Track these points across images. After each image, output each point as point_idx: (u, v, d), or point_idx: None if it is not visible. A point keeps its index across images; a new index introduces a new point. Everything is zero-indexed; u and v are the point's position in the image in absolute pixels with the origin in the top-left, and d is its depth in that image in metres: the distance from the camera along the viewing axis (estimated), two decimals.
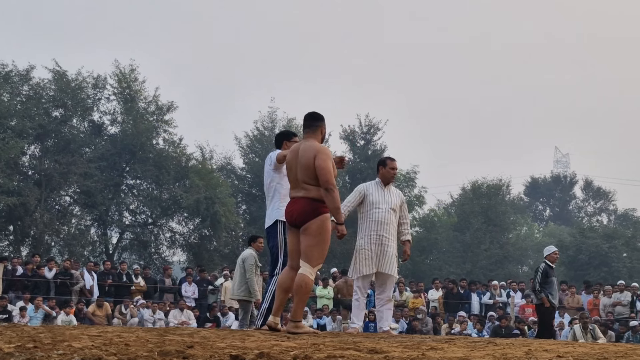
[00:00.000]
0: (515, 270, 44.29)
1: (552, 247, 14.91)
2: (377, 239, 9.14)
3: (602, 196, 66.63)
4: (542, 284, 14.03)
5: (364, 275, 9.19)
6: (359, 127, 40.43)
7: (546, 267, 14.17)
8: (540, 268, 14.22)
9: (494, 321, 20.92)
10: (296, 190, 7.20)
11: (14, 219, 31.63)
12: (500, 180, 44.90)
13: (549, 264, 14.26)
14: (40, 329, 6.43)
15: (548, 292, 13.99)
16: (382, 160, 9.61)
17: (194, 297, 21.76)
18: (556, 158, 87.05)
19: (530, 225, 58.65)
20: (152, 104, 34.98)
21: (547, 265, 14.22)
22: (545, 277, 14.06)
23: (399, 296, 21.97)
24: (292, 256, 7.29)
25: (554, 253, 14.53)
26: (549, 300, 13.98)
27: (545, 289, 14.01)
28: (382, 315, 9.28)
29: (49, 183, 32.04)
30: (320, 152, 7.12)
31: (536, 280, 14.09)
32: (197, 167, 35.80)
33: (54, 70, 33.16)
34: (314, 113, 7.46)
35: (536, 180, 70.71)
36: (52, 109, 33.07)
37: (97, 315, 19.77)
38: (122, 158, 34.78)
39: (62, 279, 20.60)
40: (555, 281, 14.32)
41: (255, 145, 39.07)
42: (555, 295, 14.24)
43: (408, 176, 41.76)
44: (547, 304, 13.99)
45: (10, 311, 18.62)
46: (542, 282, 14.04)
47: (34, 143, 33.07)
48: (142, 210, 36.23)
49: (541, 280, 14.03)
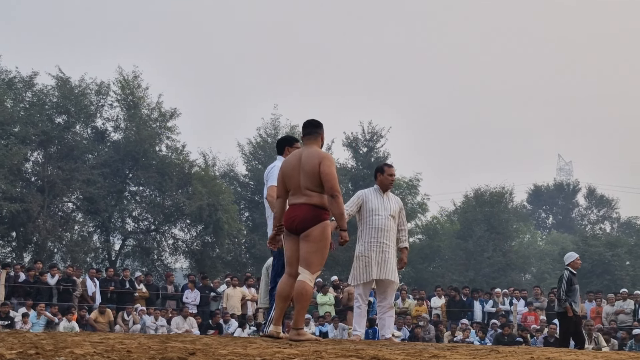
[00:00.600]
0: (518, 278, 44.22)
1: (574, 253, 14.51)
2: (378, 246, 9.13)
3: (605, 204, 66.51)
4: (566, 292, 13.74)
5: (365, 283, 9.19)
6: (362, 134, 40.47)
7: (570, 275, 13.86)
8: (565, 276, 13.89)
9: (496, 329, 20.88)
10: (297, 197, 7.19)
11: (16, 225, 31.63)
12: (503, 187, 44.87)
13: (572, 272, 13.93)
14: (42, 335, 6.43)
15: (572, 300, 13.72)
16: (380, 167, 9.61)
17: (195, 303, 21.75)
18: (559, 166, 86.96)
19: (533, 233, 58.59)
20: (155, 110, 35.03)
21: (571, 273, 13.91)
22: (570, 284, 13.77)
23: (401, 303, 21.95)
24: (290, 263, 7.26)
25: (577, 259, 14.16)
26: (572, 309, 13.69)
27: (569, 297, 13.74)
28: (384, 322, 9.27)
29: (52, 189, 32.05)
30: (325, 159, 7.14)
31: (562, 289, 13.77)
32: (200, 174, 35.82)
33: (58, 77, 33.22)
34: (314, 120, 7.49)
35: (539, 188, 70.62)
36: (55, 115, 33.10)
37: (100, 322, 19.77)
38: (125, 165, 34.82)
39: (64, 285, 20.60)
40: (577, 289, 13.99)
41: (258, 152, 39.10)
42: (578, 303, 13.99)
43: (411, 183, 41.77)
44: (570, 313, 13.69)
45: (12, 317, 18.61)
46: (566, 291, 13.74)
47: (37, 149, 33.09)
48: (145, 217, 36.24)
49: (566, 289, 13.75)
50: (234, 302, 21.53)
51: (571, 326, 13.93)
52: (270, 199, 8.08)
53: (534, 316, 21.88)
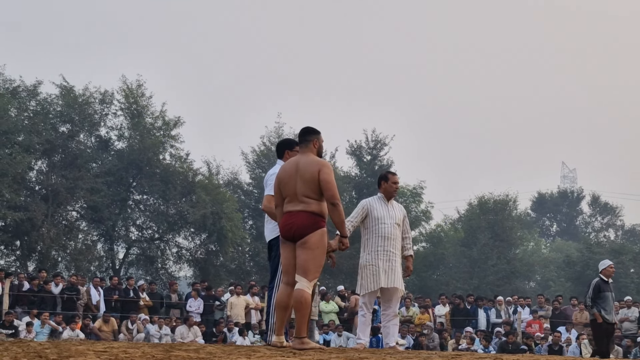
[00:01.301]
0: (522, 286, 44.13)
1: (607, 261, 14.39)
2: (385, 255, 9.10)
3: (610, 211, 66.39)
4: (594, 299, 13.62)
5: (372, 291, 9.17)
6: (366, 142, 40.49)
7: (599, 282, 13.75)
8: (593, 283, 13.82)
9: (500, 337, 20.84)
10: (294, 204, 7.16)
11: (20, 234, 31.66)
12: (507, 195, 44.76)
13: (603, 279, 13.81)
14: (47, 344, 6.43)
15: (601, 308, 13.56)
16: (384, 175, 9.57)
17: (199, 312, 21.74)
18: (563, 173, 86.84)
19: (537, 240, 58.46)
20: (159, 119, 35.05)
21: (601, 280, 13.78)
22: (598, 292, 13.62)
23: (405, 312, 21.91)
24: (287, 271, 7.24)
25: (610, 267, 14.02)
26: (601, 316, 13.54)
27: (598, 304, 13.59)
28: (389, 330, 9.24)
29: (56, 198, 32.07)
30: (324, 167, 7.14)
31: (587, 296, 13.71)
32: (203, 182, 35.82)
33: (61, 86, 33.26)
34: (307, 128, 7.46)
35: (543, 196, 70.53)
36: (59, 124, 33.14)
37: (104, 331, 19.76)
38: (129, 173, 34.83)
39: (68, 294, 20.60)
40: (610, 296, 13.79)
41: (262, 160, 39.10)
42: (610, 310, 13.77)
43: (415, 191, 41.73)
44: (599, 320, 13.56)
45: (16, 326, 18.62)
46: (594, 297, 13.62)
47: (41, 158, 33.12)
48: (149, 226, 36.24)
49: (593, 296, 13.61)
50: (238, 310, 21.53)
51: (602, 333, 13.72)
52: (266, 209, 8.02)
53: (538, 324, 21.84)
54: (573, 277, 41.62)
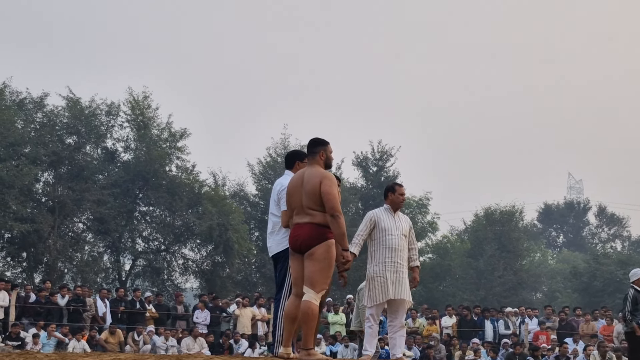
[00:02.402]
0: (529, 297, 44.07)
1: (639, 270, 13.61)
2: (392, 266, 9.06)
3: (616, 222, 66.36)
4: (632, 311, 13.00)
5: (379, 303, 9.14)
6: (372, 153, 40.55)
7: (635, 293, 13.11)
8: (629, 295, 13.14)
9: (507, 348, 20.79)
10: (301, 216, 7.17)
11: (27, 245, 31.70)
12: (513, 206, 44.80)
13: (637, 289, 13.16)
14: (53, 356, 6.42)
15: (639, 320, 12.89)
16: (391, 187, 9.54)
17: (206, 323, 21.70)
18: (569, 184, 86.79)
19: (544, 251, 58.43)
20: (165, 130, 35.15)
21: (636, 291, 13.14)
22: (635, 303, 13.00)
23: (412, 323, 21.86)
24: (296, 284, 7.23)
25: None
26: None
27: (635, 317, 12.95)
28: (395, 342, 9.21)
29: (62, 210, 32.12)
30: (325, 179, 7.12)
31: (626, 309, 13.04)
32: (209, 193, 35.86)
33: (68, 98, 33.38)
34: (315, 139, 7.44)
35: (549, 207, 70.53)
36: (65, 136, 33.22)
37: (110, 343, 19.75)
38: (135, 185, 34.90)
39: (75, 306, 20.59)
40: None
41: (268, 171, 39.14)
42: None
43: (421, 202, 41.74)
44: (638, 333, 12.87)
45: (23, 338, 18.62)
46: (632, 310, 13.00)
47: (48, 170, 33.19)
48: (155, 237, 36.28)
49: (632, 308, 12.98)
50: (245, 322, 21.51)
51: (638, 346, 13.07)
52: (285, 225, 7.92)
53: (545, 335, 21.78)
54: (580, 289, 41.51)
